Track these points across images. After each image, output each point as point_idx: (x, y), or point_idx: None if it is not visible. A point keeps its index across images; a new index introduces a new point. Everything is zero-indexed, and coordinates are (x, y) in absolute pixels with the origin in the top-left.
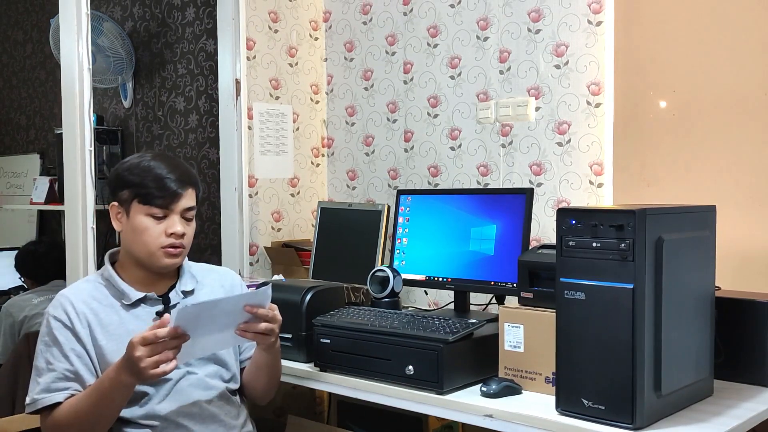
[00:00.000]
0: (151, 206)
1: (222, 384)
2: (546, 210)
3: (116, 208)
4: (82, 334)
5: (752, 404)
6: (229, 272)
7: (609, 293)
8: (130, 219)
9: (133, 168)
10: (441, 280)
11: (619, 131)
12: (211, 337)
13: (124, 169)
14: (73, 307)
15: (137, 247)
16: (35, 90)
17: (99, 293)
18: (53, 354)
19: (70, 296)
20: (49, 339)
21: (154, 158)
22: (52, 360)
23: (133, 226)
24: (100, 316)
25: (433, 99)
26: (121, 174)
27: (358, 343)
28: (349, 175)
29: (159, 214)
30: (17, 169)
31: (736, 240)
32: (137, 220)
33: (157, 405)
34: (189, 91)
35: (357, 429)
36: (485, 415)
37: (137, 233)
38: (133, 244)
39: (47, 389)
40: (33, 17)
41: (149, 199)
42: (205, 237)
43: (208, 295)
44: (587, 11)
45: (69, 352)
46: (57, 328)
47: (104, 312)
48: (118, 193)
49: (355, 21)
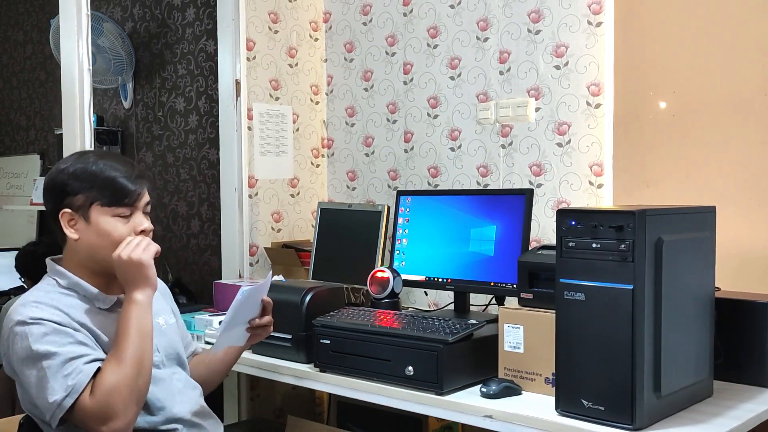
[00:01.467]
0: (117, 207)
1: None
2: (546, 211)
3: (68, 216)
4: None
5: (752, 405)
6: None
7: (609, 294)
8: (92, 224)
9: (81, 172)
10: (441, 281)
11: (619, 132)
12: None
13: (70, 174)
14: (59, 309)
15: (105, 251)
16: (35, 91)
17: (70, 300)
18: (61, 348)
19: (48, 301)
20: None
21: (101, 158)
22: (62, 351)
23: (98, 230)
24: (88, 317)
25: (432, 100)
26: (67, 180)
27: (358, 344)
28: (349, 176)
29: (126, 213)
30: (17, 170)
31: (736, 241)
32: (103, 224)
33: (173, 410)
34: (189, 92)
35: (356, 430)
36: (485, 415)
37: (104, 237)
38: (99, 249)
39: (77, 371)
40: (33, 18)
41: (115, 200)
42: (205, 237)
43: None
44: (587, 12)
45: (85, 339)
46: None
47: (88, 315)
48: (66, 199)
49: (355, 22)
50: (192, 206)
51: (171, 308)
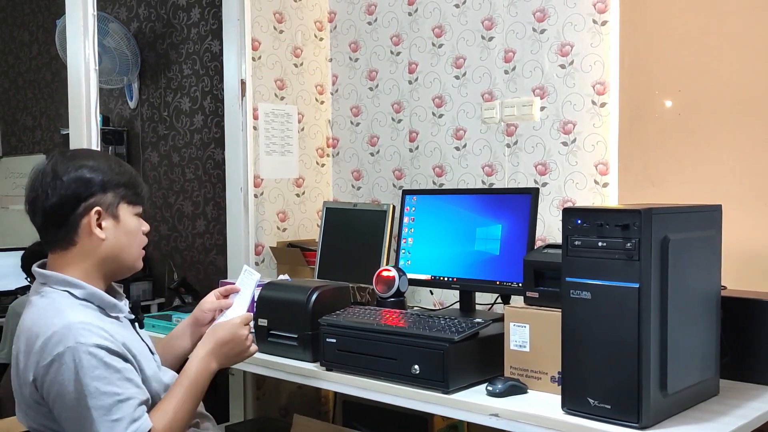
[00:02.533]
0: (137, 205)
1: None
2: (551, 210)
3: (95, 215)
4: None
5: (758, 404)
6: None
7: (615, 293)
8: (122, 223)
9: (113, 166)
10: (446, 280)
11: (624, 131)
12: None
13: (105, 168)
14: (104, 330)
15: (130, 251)
16: (41, 91)
17: (94, 314)
18: (117, 384)
19: (92, 320)
20: (103, 371)
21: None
22: (119, 390)
23: (127, 229)
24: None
25: (438, 99)
26: (94, 177)
27: (364, 343)
28: (354, 175)
29: (140, 212)
30: (24, 170)
31: (742, 239)
32: (131, 223)
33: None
34: (194, 92)
35: (362, 428)
36: (491, 414)
37: (131, 236)
38: (126, 248)
39: (132, 419)
40: (39, 18)
41: (137, 199)
42: (210, 237)
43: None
44: (592, 11)
45: (131, 374)
46: (105, 355)
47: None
48: (98, 196)
49: (359, 21)
50: (197, 206)
51: None
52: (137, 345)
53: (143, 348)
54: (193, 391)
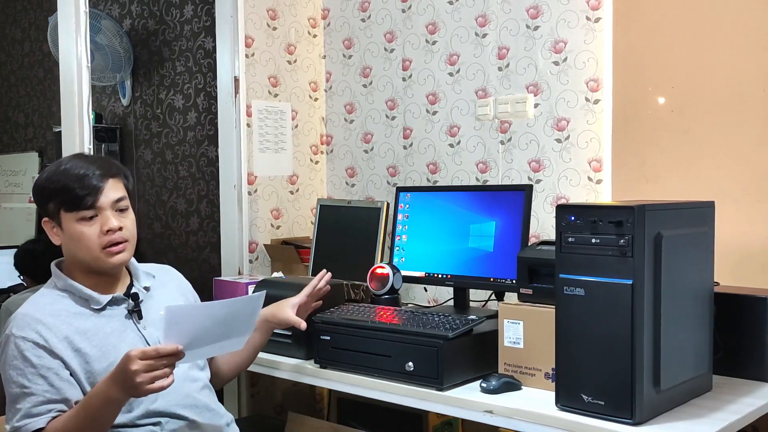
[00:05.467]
0: (78, 210)
1: (202, 374)
2: (545, 206)
3: (49, 224)
4: (60, 348)
5: (751, 399)
6: (171, 268)
7: (608, 289)
8: (65, 230)
9: (51, 176)
10: (440, 277)
11: (617, 128)
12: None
13: (44, 180)
14: (41, 323)
15: (81, 254)
16: (33, 88)
17: (63, 304)
18: (28, 377)
19: (34, 314)
20: (20, 362)
21: (70, 160)
22: (27, 384)
23: (69, 236)
24: (74, 325)
25: (431, 96)
26: (42, 186)
27: (358, 340)
28: (348, 173)
29: (89, 215)
30: (16, 168)
31: (735, 236)
32: (71, 229)
33: (151, 405)
34: (188, 89)
35: (357, 426)
36: (485, 411)
37: (75, 242)
38: (76, 252)
39: (28, 414)
40: (31, 15)
41: (74, 205)
42: (204, 235)
43: (159, 289)
44: (585, 8)
45: (46, 372)
46: (27, 349)
47: (77, 320)
48: (45, 207)
49: (353, 18)
50: (191, 203)
51: (186, 298)
52: (106, 339)
53: (126, 343)
54: (85, 413)
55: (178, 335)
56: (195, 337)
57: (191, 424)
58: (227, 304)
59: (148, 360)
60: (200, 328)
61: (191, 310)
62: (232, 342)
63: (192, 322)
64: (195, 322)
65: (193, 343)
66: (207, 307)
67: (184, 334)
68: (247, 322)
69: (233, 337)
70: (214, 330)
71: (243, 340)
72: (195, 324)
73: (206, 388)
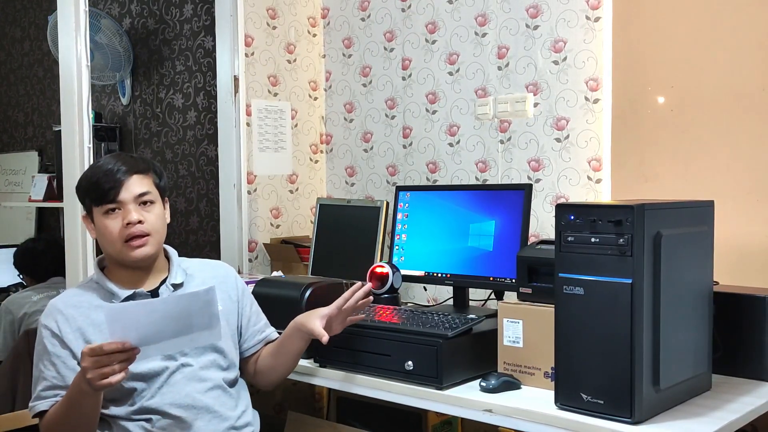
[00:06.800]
0: (102, 204)
1: (218, 374)
2: (545, 206)
3: (86, 219)
4: (71, 338)
5: (750, 398)
6: (222, 265)
7: (608, 288)
8: (96, 224)
9: (87, 173)
10: (440, 276)
11: (617, 127)
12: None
13: (81, 178)
14: (61, 314)
15: (107, 248)
16: (33, 87)
17: (88, 296)
18: (44, 362)
19: (58, 304)
20: (40, 348)
21: (104, 158)
22: (42, 368)
23: (98, 229)
24: (91, 317)
25: (431, 95)
26: (79, 184)
27: (358, 339)
28: (347, 172)
29: (112, 208)
30: (16, 167)
31: (734, 235)
32: (99, 223)
33: (147, 401)
34: (187, 88)
35: (357, 425)
36: (485, 410)
37: (102, 235)
38: (105, 246)
39: (38, 397)
40: (31, 14)
41: (100, 199)
42: (204, 234)
43: (198, 286)
44: (585, 7)
45: (56, 360)
46: (46, 336)
47: (95, 313)
48: (83, 203)
49: (353, 17)
50: (191, 202)
51: (228, 296)
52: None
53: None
54: (67, 402)
55: (121, 333)
56: (145, 333)
57: (181, 424)
58: (169, 301)
59: (96, 356)
60: (147, 324)
61: (130, 308)
62: (202, 335)
63: (134, 319)
64: (138, 319)
65: (146, 339)
66: (146, 305)
67: (130, 332)
68: (207, 316)
69: (198, 331)
70: (169, 326)
71: (215, 332)
72: (139, 321)
73: (217, 390)
